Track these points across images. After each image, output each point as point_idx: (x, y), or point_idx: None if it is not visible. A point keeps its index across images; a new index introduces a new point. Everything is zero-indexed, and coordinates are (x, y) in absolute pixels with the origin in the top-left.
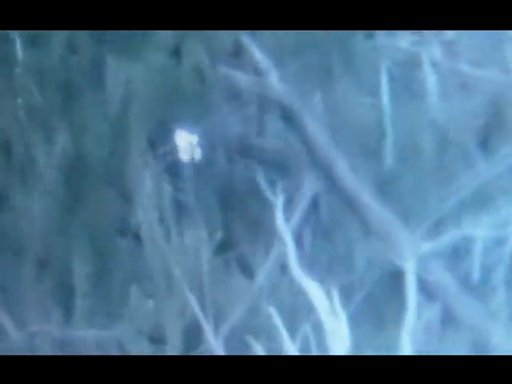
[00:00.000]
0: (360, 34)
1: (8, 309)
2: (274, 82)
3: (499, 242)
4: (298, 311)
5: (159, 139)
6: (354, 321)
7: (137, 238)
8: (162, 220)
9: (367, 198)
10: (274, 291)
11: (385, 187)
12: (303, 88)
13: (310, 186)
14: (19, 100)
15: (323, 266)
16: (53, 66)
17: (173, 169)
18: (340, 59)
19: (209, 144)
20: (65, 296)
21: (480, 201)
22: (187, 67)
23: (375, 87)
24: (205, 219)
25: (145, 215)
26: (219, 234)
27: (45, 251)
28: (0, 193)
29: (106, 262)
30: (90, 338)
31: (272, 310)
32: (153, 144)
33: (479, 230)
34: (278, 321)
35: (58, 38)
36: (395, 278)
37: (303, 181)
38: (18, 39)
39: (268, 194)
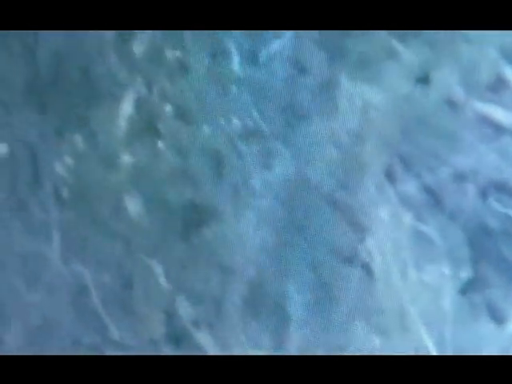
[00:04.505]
0: None
1: (211, 330)
2: None
3: None
4: None
5: (398, 173)
6: None
7: (366, 269)
8: (397, 252)
9: None
10: None
11: None
12: None
13: None
14: (235, 120)
15: None
16: (275, 86)
17: (413, 200)
18: None
19: (456, 176)
20: (277, 322)
21: None
22: (437, 98)
23: None
24: (449, 255)
25: (378, 246)
26: (466, 273)
27: (257, 274)
28: (210, 210)
29: (328, 291)
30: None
31: None
32: (391, 176)
33: None
34: None
35: (282, 54)
36: None
37: None
38: (235, 53)
39: None
